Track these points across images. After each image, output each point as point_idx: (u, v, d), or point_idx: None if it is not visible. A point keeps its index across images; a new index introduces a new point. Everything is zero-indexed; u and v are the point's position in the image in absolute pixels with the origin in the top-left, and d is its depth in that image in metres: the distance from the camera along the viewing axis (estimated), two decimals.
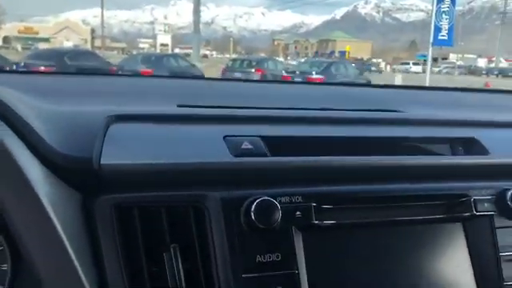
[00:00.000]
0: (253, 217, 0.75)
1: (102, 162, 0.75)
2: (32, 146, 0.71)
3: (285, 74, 15.74)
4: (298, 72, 16.06)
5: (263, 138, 0.86)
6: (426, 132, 1.00)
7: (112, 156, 0.77)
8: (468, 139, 1.00)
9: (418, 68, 44.68)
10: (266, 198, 0.76)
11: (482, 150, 0.98)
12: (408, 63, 47.76)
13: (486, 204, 0.90)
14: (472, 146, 0.99)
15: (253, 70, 16.24)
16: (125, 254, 0.75)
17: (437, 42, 16.85)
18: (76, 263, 0.68)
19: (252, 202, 0.76)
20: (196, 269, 0.76)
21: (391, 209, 0.87)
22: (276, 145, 0.86)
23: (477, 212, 0.89)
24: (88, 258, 0.73)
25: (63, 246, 0.67)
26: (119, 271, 0.74)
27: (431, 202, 0.89)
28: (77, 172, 0.74)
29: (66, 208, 0.72)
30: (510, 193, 0.90)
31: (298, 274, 0.77)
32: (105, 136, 0.79)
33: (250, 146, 0.84)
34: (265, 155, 0.84)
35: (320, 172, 0.85)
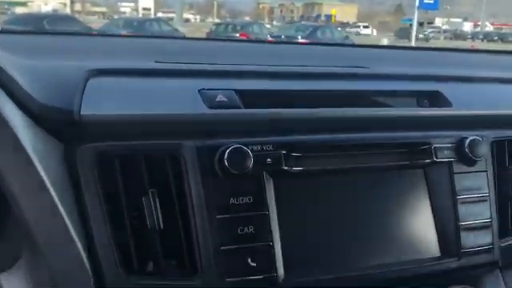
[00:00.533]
0: (226, 163, 0.80)
1: (82, 112, 0.79)
2: (14, 97, 0.74)
3: (270, 38, 15.62)
4: (283, 36, 15.95)
5: (237, 91, 0.90)
6: (392, 86, 1.06)
7: (92, 107, 0.81)
8: (433, 92, 1.06)
9: (368, 31, 45.66)
10: (239, 145, 0.82)
11: (445, 103, 1.04)
12: (359, 26, 47.92)
13: (445, 151, 0.96)
14: (436, 99, 1.05)
15: (237, 35, 16.08)
16: (106, 200, 0.80)
17: (423, 6, 16.82)
18: (60, 207, 0.73)
19: (225, 150, 0.81)
20: (173, 212, 0.82)
21: (358, 156, 0.93)
22: (249, 98, 0.91)
23: (437, 159, 0.95)
24: (71, 203, 0.78)
25: (46, 190, 0.71)
26: (101, 215, 0.79)
27: (396, 150, 0.95)
28: (58, 122, 0.78)
29: (49, 156, 0.76)
30: (467, 141, 0.96)
31: (268, 214, 0.83)
32: (85, 88, 0.83)
33: (224, 99, 0.88)
34: (238, 107, 0.88)
35: (290, 123, 0.90)
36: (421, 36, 33.73)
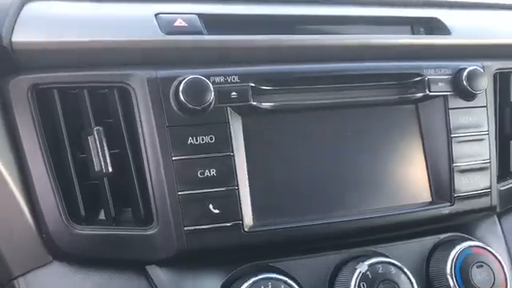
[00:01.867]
0: (181, 96, 0.69)
1: (13, 38, 0.68)
2: None
3: None
4: None
5: (200, 15, 0.78)
6: (383, 12, 0.92)
7: (25, 33, 0.69)
8: (430, 19, 0.93)
9: None
10: (197, 76, 0.70)
11: (443, 31, 0.91)
12: None
13: (440, 84, 0.85)
14: (434, 27, 0.92)
15: None
16: (46, 140, 0.70)
17: None
18: None
19: (182, 81, 0.70)
20: (123, 153, 0.72)
21: (340, 90, 0.81)
22: (213, 23, 0.78)
23: (430, 92, 0.84)
24: (5, 145, 0.69)
25: None
26: (40, 158, 0.69)
27: (384, 83, 0.84)
28: None
29: None
30: (466, 72, 0.84)
31: (233, 156, 0.72)
32: (20, 13, 0.71)
33: (183, 24, 0.76)
34: (200, 33, 0.76)
35: (260, 51, 0.78)
36: None
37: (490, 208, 0.88)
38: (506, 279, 0.80)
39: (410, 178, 0.84)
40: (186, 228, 0.70)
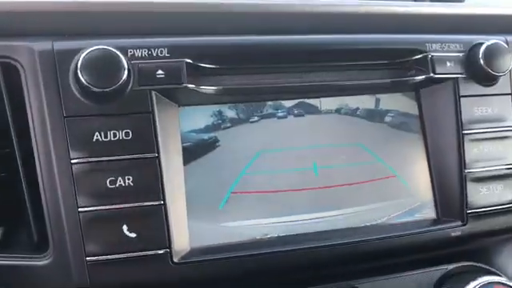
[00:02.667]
0: (81, 75, 0.50)
1: None
2: None
3: None
4: None
5: None
6: None
7: None
8: None
9: None
10: (103, 47, 0.51)
11: None
12: None
13: (449, 64, 0.64)
14: None
15: None
16: None
17: None
18: None
19: (82, 55, 0.50)
20: (9, 145, 0.53)
21: (313, 71, 0.62)
22: None
23: (436, 74, 0.63)
24: None
25: None
26: None
27: (371, 62, 0.63)
28: None
29: None
30: (483, 48, 0.64)
31: (159, 158, 0.53)
32: None
33: None
34: None
35: (199, 17, 0.59)
36: None
37: None
38: None
39: (407, 190, 0.64)
40: (88, 258, 0.51)
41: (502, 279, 0.61)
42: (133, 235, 0.52)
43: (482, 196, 0.64)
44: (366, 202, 0.62)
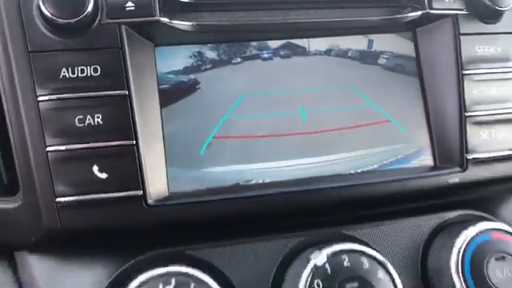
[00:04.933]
0: (44, 7, 0.47)
1: None
2: None
3: None
4: None
5: None
6: None
7: None
8: None
9: None
10: None
11: None
12: None
13: None
14: None
15: None
16: None
17: None
18: None
19: None
20: None
21: (300, 8, 0.58)
22: None
23: (432, 10, 0.59)
24: None
25: None
26: None
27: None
28: None
29: None
30: None
31: (130, 96, 0.50)
32: None
33: None
34: None
35: None
36: None
37: None
38: None
39: (403, 135, 0.60)
40: (58, 199, 0.49)
41: (502, 225, 0.57)
42: (104, 176, 0.49)
43: (482, 141, 0.60)
44: (357, 147, 0.59)
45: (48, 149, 0.49)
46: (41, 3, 0.47)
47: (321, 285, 0.49)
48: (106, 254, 0.52)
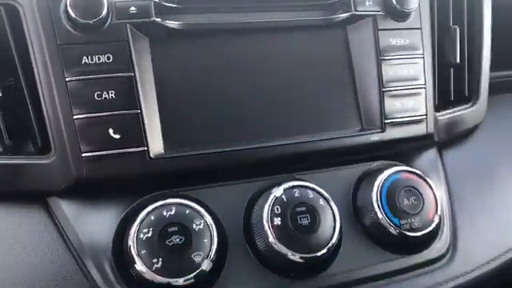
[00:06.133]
0: (71, 11, 0.63)
1: None
2: None
3: None
4: None
5: None
6: None
7: None
8: None
9: None
10: None
11: None
12: None
13: (367, 2, 0.79)
14: None
15: None
16: None
17: None
18: None
19: None
20: (15, 76, 0.67)
21: (260, 10, 0.76)
22: None
23: (357, 11, 0.78)
24: None
25: None
26: None
27: (307, 3, 0.78)
28: None
29: None
30: None
31: (135, 77, 0.67)
32: None
33: None
34: None
35: None
36: None
37: (425, 136, 0.83)
38: (436, 203, 0.76)
39: (339, 105, 0.79)
40: (84, 154, 0.65)
41: (408, 168, 0.78)
42: (117, 136, 0.66)
43: (396, 109, 0.79)
44: (306, 115, 0.77)
45: (75, 117, 0.65)
46: (68, 8, 0.63)
47: (279, 209, 0.68)
48: (119, 196, 0.68)
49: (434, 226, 0.75)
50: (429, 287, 0.76)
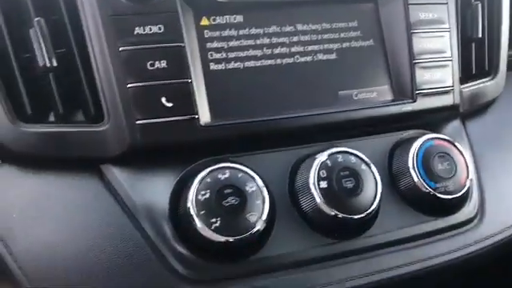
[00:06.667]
0: None
1: None
2: None
3: None
4: None
5: None
6: None
7: None
8: None
9: None
10: None
11: None
12: None
13: None
14: None
15: None
16: None
17: None
18: None
19: None
20: (68, 46, 0.69)
21: None
22: None
23: None
24: None
25: None
26: None
27: None
28: None
29: None
30: None
31: (184, 47, 0.69)
32: None
33: None
34: None
35: None
36: None
37: (452, 107, 0.87)
38: (467, 168, 0.80)
39: (372, 76, 0.82)
40: (138, 122, 0.67)
41: (440, 136, 0.82)
42: (169, 104, 0.68)
43: (425, 80, 0.83)
44: (339, 87, 0.80)
45: (128, 85, 0.67)
46: None
47: (325, 173, 0.71)
48: (172, 162, 0.70)
49: (465, 189, 0.79)
50: (460, 247, 0.81)
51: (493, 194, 0.87)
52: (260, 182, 0.69)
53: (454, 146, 0.81)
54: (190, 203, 0.65)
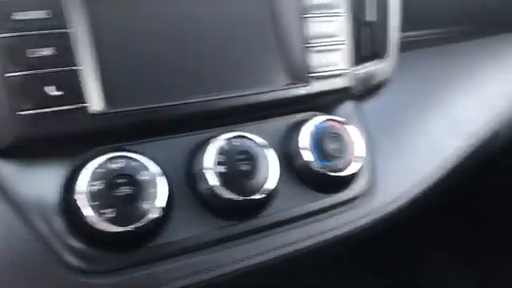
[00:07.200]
0: None
1: None
2: None
3: None
4: None
5: None
6: None
7: None
8: None
9: None
10: None
11: None
12: None
13: None
14: None
15: None
16: None
17: None
18: None
19: None
20: None
21: None
22: None
23: None
24: None
25: None
26: None
27: None
28: None
29: None
30: None
31: (71, 33, 0.66)
32: None
33: None
34: None
35: None
36: None
37: (345, 89, 0.91)
38: (357, 147, 0.85)
39: (266, 61, 0.84)
40: (20, 113, 0.64)
41: (333, 117, 0.86)
42: (54, 93, 0.65)
43: (319, 64, 0.86)
44: (235, 72, 0.81)
45: (7, 75, 0.63)
46: None
47: (221, 157, 0.72)
48: (63, 154, 0.68)
49: (355, 166, 0.84)
50: (352, 220, 0.86)
51: (384, 171, 0.93)
52: (154, 170, 0.69)
53: (345, 126, 0.86)
54: (81, 194, 0.64)
